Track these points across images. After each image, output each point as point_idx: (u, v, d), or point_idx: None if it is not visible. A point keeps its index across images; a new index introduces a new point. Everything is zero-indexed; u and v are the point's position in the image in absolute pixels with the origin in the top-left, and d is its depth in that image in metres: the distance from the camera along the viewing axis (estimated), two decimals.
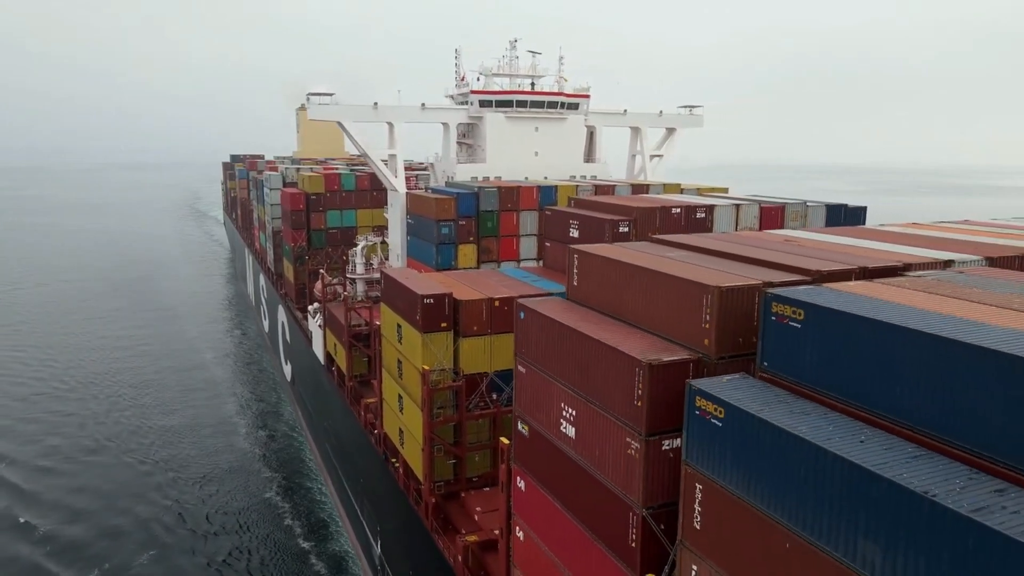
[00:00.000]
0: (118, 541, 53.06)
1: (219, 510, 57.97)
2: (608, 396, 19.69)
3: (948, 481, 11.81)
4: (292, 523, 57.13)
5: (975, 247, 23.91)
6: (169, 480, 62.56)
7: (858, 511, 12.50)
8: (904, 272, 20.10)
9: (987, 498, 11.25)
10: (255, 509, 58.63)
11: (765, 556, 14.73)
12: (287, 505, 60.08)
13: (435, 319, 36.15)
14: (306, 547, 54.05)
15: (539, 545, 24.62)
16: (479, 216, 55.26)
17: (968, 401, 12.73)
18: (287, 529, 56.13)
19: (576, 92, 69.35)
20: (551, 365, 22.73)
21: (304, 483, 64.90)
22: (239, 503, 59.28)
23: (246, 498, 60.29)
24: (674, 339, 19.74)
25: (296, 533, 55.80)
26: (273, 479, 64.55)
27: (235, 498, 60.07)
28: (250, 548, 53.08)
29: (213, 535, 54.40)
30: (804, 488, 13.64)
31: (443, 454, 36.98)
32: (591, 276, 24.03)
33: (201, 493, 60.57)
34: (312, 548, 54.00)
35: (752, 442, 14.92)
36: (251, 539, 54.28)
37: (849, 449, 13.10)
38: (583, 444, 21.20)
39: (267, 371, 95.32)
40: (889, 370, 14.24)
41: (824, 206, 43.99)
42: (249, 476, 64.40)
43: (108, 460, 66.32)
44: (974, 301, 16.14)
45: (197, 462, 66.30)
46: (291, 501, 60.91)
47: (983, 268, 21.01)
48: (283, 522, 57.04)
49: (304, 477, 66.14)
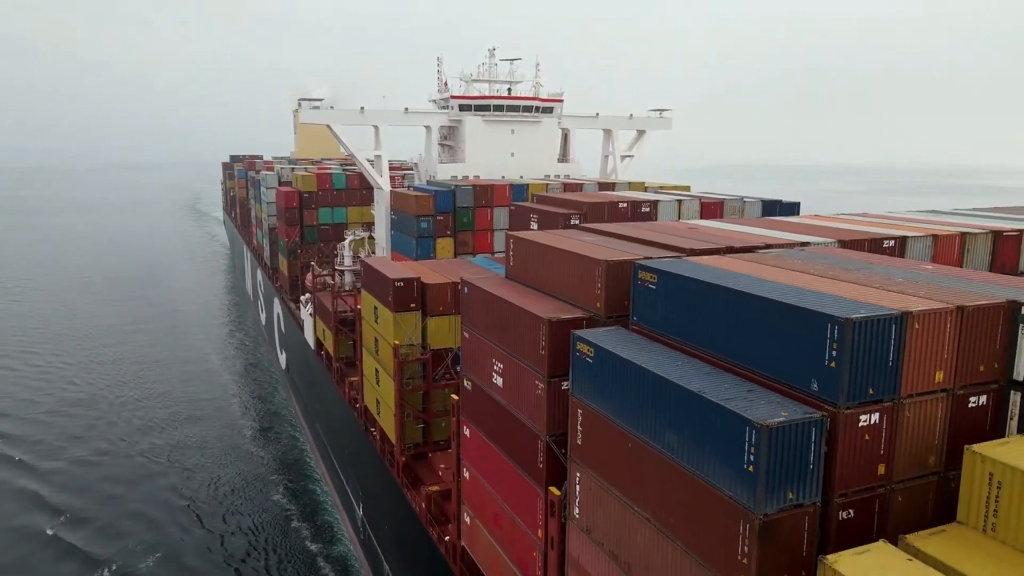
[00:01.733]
0: (121, 511, 58.11)
1: (215, 484, 62.99)
2: (522, 349, 24.64)
3: (719, 386, 16.75)
4: (283, 496, 62.12)
5: (836, 232, 28.86)
6: (169, 456, 67.61)
7: (665, 410, 17.46)
8: (759, 250, 25.02)
9: (739, 394, 16.21)
10: (249, 483, 63.66)
11: (618, 457, 19.65)
12: (279, 478, 65.18)
13: (405, 300, 41.17)
14: (293, 510, 59.25)
15: (481, 482, 29.55)
16: (456, 212, 60.30)
17: (749, 335, 17.68)
18: (277, 501, 61.08)
19: (550, 97, 74.30)
20: (484, 327, 27.69)
21: (296, 458, 69.98)
22: (233, 478, 64.28)
23: (240, 473, 65.37)
24: (576, 303, 24.67)
25: (285, 503, 60.85)
26: (267, 456, 69.62)
27: (229, 473, 65.10)
28: (241, 514, 58.13)
29: (208, 504, 59.44)
30: (637, 399, 18.58)
31: (412, 419, 42.01)
32: (522, 256, 28.96)
33: (200, 469, 65.60)
34: (298, 513, 59.17)
35: (609, 372, 19.84)
36: (243, 507, 59.34)
37: (664, 369, 18.05)
38: (507, 390, 26.14)
39: (264, 360, 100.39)
40: (708, 317, 19.16)
41: (760, 201, 48.96)
42: (244, 454, 69.50)
43: (113, 443, 71.32)
44: (791, 269, 21.05)
45: (194, 443, 71.38)
46: (283, 474, 66.02)
47: (828, 248, 25.94)
48: (273, 496, 61.97)
49: (296, 452, 71.21)
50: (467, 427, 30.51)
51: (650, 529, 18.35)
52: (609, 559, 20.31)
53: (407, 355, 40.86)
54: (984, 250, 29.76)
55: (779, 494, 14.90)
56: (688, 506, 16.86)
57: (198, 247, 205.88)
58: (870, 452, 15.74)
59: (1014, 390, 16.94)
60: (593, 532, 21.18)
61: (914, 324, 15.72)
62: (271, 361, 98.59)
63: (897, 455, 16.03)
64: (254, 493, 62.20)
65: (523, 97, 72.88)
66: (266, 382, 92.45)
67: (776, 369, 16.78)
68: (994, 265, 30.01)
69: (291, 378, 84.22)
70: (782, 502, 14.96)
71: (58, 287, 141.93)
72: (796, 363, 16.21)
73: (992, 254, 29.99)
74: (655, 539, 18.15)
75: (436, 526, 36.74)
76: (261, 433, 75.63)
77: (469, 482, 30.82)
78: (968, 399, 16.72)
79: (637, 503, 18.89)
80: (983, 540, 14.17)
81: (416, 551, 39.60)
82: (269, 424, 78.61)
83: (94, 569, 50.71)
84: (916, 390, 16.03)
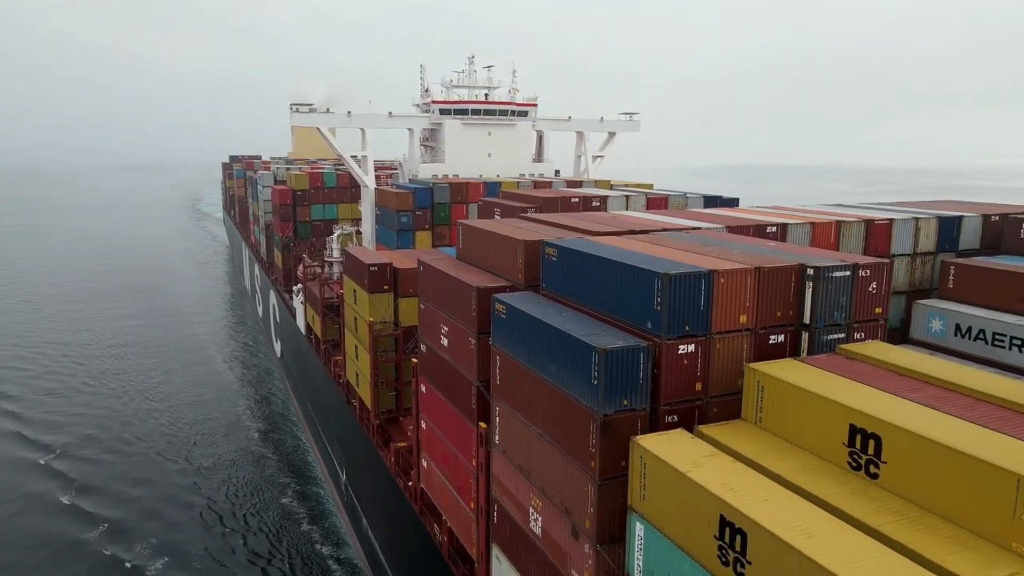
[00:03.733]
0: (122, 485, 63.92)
1: (214, 458, 68.76)
2: (460, 313, 30.36)
3: (584, 328, 22.43)
4: (276, 470, 67.87)
5: (730, 220, 34.54)
6: (170, 434, 73.40)
7: (549, 348, 23.15)
8: (653, 232, 30.71)
9: (595, 331, 21.90)
10: (245, 457, 69.44)
11: (522, 390, 25.31)
12: (270, 450, 71.01)
13: (379, 282, 46.94)
14: (286, 481, 65.01)
15: (434, 430, 35.27)
16: (433, 207, 66.03)
17: (611, 291, 23.37)
18: (270, 474, 66.79)
19: (525, 101, 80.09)
20: (435, 299, 33.41)
21: (288, 434, 75.75)
22: (231, 454, 70.03)
23: (238, 448, 71.13)
24: (503, 275, 30.37)
25: (278, 475, 66.58)
26: (260, 432, 75.42)
27: (228, 450, 70.85)
28: (238, 486, 63.79)
29: (206, 474, 65.22)
30: (534, 344, 24.26)
31: (386, 387, 47.77)
32: (468, 240, 34.67)
33: (202, 446, 71.39)
34: (290, 482, 64.97)
35: (517, 325, 25.51)
36: (239, 478, 65.06)
37: (551, 319, 23.73)
38: (451, 349, 31.86)
39: (261, 350, 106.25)
40: (589, 280, 24.84)
41: (701, 197, 54.68)
42: (241, 432, 75.29)
43: (121, 427, 77.16)
44: (659, 244, 26.74)
45: (194, 421, 77.15)
46: (274, 448, 71.81)
47: (713, 231, 31.62)
48: (267, 469, 67.69)
49: (288, 426, 76.97)
50: (423, 384, 36.23)
51: (541, 441, 24.06)
52: (516, 470, 26.05)
53: (380, 331, 46.62)
54: (858, 236, 35.40)
55: (616, 400, 20.62)
56: (562, 417, 22.58)
57: (200, 247, 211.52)
58: (688, 373, 21.44)
59: (804, 330, 22.66)
60: (507, 452, 26.90)
61: (720, 279, 21.42)
62: (267, 351, 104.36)
63: (711, 376, 21.73)
64: (247, 464, 67.94)
65: (499, 102, 78.64)
66: (262, 368, 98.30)
67: (626, 314, 22.51)
68: (867, 249, 35.66)
69: (285, 365, 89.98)
70: (618, 406, 20.67)
71: (66, 287, 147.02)
72: (637, 308, 21.94)
73: (865, 240, 35.65)
74: (544, 447, 23.87)
75: (403, 476, 42.49)
76: (256, 415, 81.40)
77: (426, 431, 36.56)
78: (768, 337, 22.43)
79: (534, 423, 24.60)
80: (753, 429, 19.89)
81: (387, 500, 45.33)
82: (263, 407, 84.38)
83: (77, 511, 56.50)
84: (723, 328, 21.73)
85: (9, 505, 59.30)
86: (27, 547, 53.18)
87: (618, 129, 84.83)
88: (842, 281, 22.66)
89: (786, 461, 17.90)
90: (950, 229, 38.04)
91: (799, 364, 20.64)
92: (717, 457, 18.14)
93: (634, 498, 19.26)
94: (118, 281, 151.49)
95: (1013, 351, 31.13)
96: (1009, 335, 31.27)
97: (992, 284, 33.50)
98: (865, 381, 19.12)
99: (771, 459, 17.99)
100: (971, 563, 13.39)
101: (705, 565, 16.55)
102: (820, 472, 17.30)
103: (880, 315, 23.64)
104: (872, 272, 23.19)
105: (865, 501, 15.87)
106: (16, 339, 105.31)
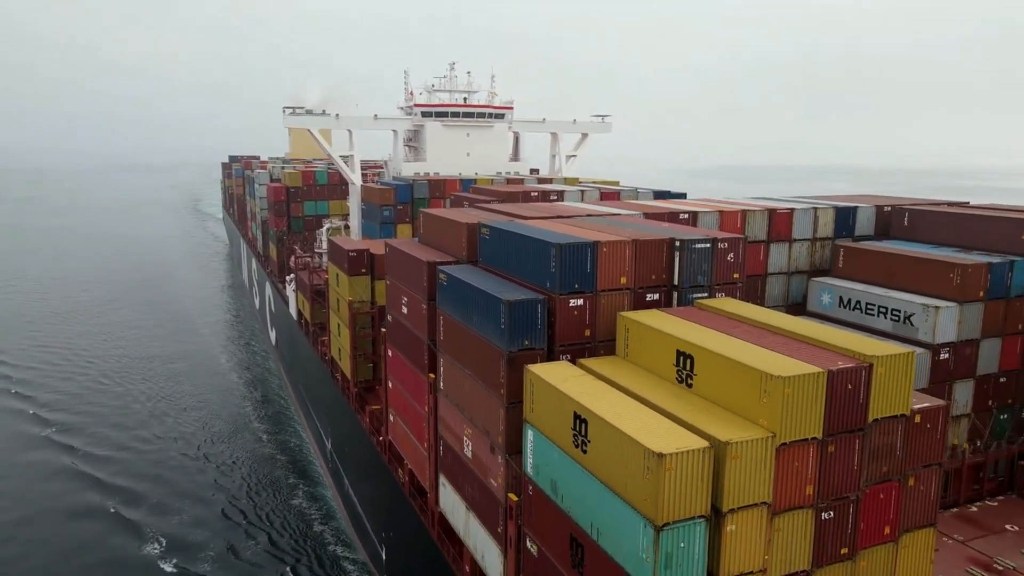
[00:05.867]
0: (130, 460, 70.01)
1: (214, 434, 74.88)
2: (415, 284, 36.37)
3: (501, 288, 28.43)
4: (269, 444, 73.99)
5: (649, 208, 40.54)
6: (171, 414, 79.54)
7: (474, 304, 29.17)
8: (577, 217, 36.70)
9: (507, 290, 27.91)
10: (241, 432, 75.59)
11: (459, 342, 31.30)
12: (263, 426, 77.16)
13: (357, 266, 53.01)
14: (272, 451, 71.23)
15: (399, 387, 41.27)
16: (413, 202, 72.17)
17: (524, 259, 29.39)
18: (267, 451, 72.88)
19: (502, 105, 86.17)
20: (398, 275, 39.43)
21: (280, 413, 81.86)
22: (230, 430, 76.19)
23: (235, 426, 77.29)
24: (451, 253, 36.38)
25: (272, 451, 72.69)
26: (257, 412, 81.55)
27: (227, 426, 77.02)
28: (235, 457, 69.92)
29: (208, 445, 71.33)
30: (466, 303, 30.27)
31: (364, 359, 53.83)
32: (427, 226, 40.64)
33: (203, 424, 77.54)
34: (279, 452, 71.13)
35: (454, 290, 31.53)
36: (235, 450, 71.17)
37: (477, 282, 29.72)
38: (409, 316, 37.86)
39: (258, 339, 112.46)
40: (510, 252, 30.83)
41: (651, 191, 60.71)
42: (238, 409, 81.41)
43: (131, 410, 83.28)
44: (573, 225, 32.74)
45: (196, 399, 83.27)
46: (267, 425, 77.92)
47: (630, 217, 37.60)
48: (262, 448, 73.78)
49: (281, 406, 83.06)
50: (390, 350, 42.26)
51: (471, 380, 30.09)
52: (455, 407, 32.09)
53: (359, 309, 52.71)
54: (762, 223, 41.41)
55: (519, 340, 26.66)
56: (482, 358, 28.61)
57: (202, 247, 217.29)
58: (578, 321, 27.43)
59: (674, 290, 28.68)
60: (449, 395, 32.94)
61: (603, 249, 27.42)
62: (264, 340, 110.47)
63: (597, 324, 27.70)
64: (244, 439, 74.02)
65: (477, 105, 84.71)
66: (258, 353, 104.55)
67: (532, 276, 28.58)
68: (770, 234, 41.69)
69: (279, 351, 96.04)
70: (520, 346, 26.70)
71: (74, 285, 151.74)
72: (539, 271, 27.99)
73: (768, 226, 41.63)
74: (472, 385, 29.90)
75: (376, 434, 48.53)
76: (252, 397, 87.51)
77: (392, 390, 42.60)
78: (645, 295, 28.44)
79: (466, 366, 30.61)
80: (620, 361, 25.93)
81: (363, 458, 51.36)
82: (260, 391, 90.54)
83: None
84: (607, 287, 27.73)
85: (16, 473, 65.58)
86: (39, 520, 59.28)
87: (590, 130, 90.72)
88: (704, 252, 28.68)
89: (634, 379, 23.94)
90: (846, 218, 44.04)
91: (660, 313, 26.67)
92: (584, 377, 24.20)
93: (527, 412, 25.28)
94: (123, 280, 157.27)
95: (880, 317, 37.38)
96: (877, 304, 37.58)
97: (871, 264, 39.78)
98: (700, 323, 25.14)
99: (624, 378, 24.03)
100: (725, 431, 19.42)
101: (566, 450, 22.57)
102: (655, 385, 23.34)
103: (738, 279, 29.62)
104: (729, 245, 29.20)
105: (678, 401, 21.90)
106: (29, 336, 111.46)
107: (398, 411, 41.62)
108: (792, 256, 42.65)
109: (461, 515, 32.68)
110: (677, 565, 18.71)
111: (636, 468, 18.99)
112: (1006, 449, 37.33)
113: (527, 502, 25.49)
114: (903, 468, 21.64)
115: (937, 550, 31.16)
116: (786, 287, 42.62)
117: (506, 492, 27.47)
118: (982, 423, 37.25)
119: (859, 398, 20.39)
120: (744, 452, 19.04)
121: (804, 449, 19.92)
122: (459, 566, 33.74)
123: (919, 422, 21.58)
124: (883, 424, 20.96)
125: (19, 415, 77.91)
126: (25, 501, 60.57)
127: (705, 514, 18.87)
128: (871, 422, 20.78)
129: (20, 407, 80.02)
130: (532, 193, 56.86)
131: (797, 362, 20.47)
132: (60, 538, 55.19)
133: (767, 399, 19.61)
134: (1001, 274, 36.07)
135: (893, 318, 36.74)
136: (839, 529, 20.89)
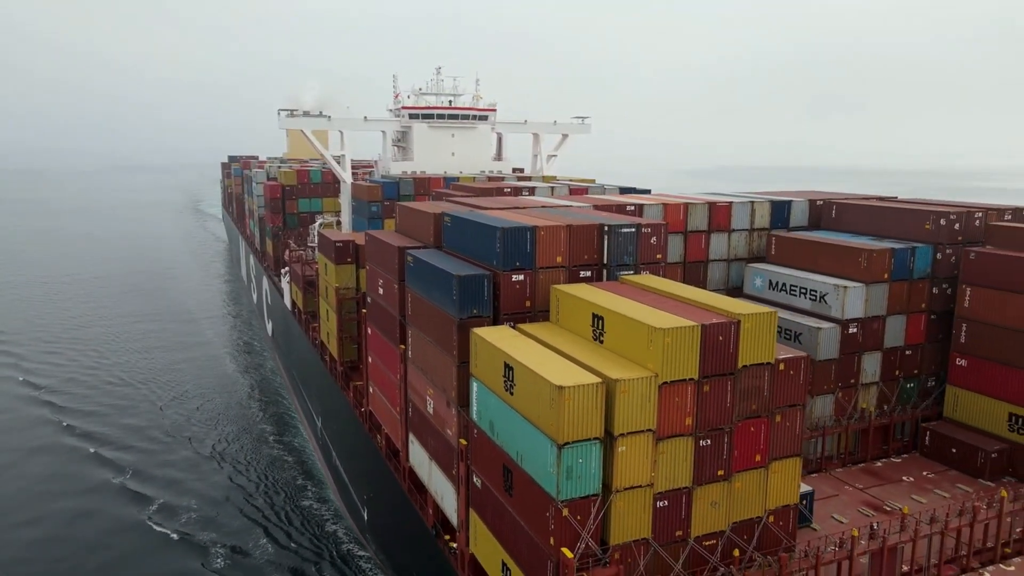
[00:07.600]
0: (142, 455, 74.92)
1: (213, 415, 79.80)
2: (388, 268, 41.26)
3: (457, 266, 33.31)
4: (264, 424, 78.89)
5: (599, 201, 45.43)
6: (172, 402, 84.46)
7: (433, 281, 34.02)
8: (533, 208, 41.54)
9: (461, 268, 32.80)
10: (238, 413, 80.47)
11: (423, 314, 36.14)
12: (258, 408, 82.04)
13: (343, 256, 57.90)
14: (269, 429, 76.16)
15: (377, 361, 46.16)
16: (399, 198, 76.86)
17: (478, 242, 34.22)
18: (261, 430, 77.78)
19: (486, 107, 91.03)
20: (376, 261, 44.32)
21: (275, 397, 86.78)
22: (228, 413, 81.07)
23: (233, 407, 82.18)
24: (421, 240, 41.26)
25: (268, 429, 77.62)
26: (253, 396, 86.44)
27: (225, 410, 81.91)
28: (232, 437, 74.76)
29: (206, 427, 76.27)
30: (428, 280, 35.10)
31: (349, 341, 58.72)
32: (403, 217, 45.57)
33: (204, 410, 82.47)
34: (273, 432, 76.07)
35: (420, 270, 36.37)
36: (232, 430, 76.05)
37: (437, 262, 34.58)
38: (384, 296, 42.75)
39: (256, 330, 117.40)
40: (468, 237, 35.66)
41: (618, 188, 65.62)
42: (235, 394, 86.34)
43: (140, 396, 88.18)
44: (525, 215, 37.60)
45: (196, 388, 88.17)
46: (264, 408, 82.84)
47: (580, 208, 42.45)
48: (258, 426, 78.69)
49: (277, 389, 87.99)
50: (369, 328, 47.17)
51: (431, 345, 34.97)
52: (420, 372, 36.98)
53: (344, 295, 57.60)
54: (703, 215, 46.27)
55: (468, 310, 31.55)
56: (439, 326, 33.50)
57: (203, 247, 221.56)
58: (520, 294, 32.30)
59: (604, 268, 33.55)
60: (415, 361, 37.82)
61: (540, 232, 32.28)
62: (261, 328, 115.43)
63: (536, 297, 32.56)
64: (242, 420, 78.95)
65: (462, 107, 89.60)
66: (255, 343, 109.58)
67: (482, 256, 33.50)
68: (711, 225, 46.56)
69: (275, 340, 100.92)
70: (469, 314, 31.58)
71: (83, 284, 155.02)
72: (487, 252, 32.88)
73: (709, 218, 46.48)
74: (432, 348, 34.78)
75: (358, 407, 53.41)
76: (249, 383, 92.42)
77: (371, 364, 47.49)
78: (579, 272, 33.29)
79: (428, 335, 35.49)
80: (552, 325, 30.82)
81: (347, 430, 56.23)
82: (256, 378, 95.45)
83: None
84: (545, 265, 32.58)
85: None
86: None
87: (570, 131, 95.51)
88: (629, 235, 33.55)
89: (560, 338, 28.84)
90: (782, 211, 48.93)
91: (586, 286, 31.55)
92: (518, 338, 29.10)
93: (473, 367, 30.15)
94: (124, 280, 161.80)
95: (801, 297, 42.28)
96: (799, 286, 42.46)
97: (799, 251, 44.70)
98: (617, 293, 30.00)
99: (552, 338, 28.92)
100: (618, 372, 24.30)
101: (499, 394, 27.45)
102: (574, 342, 28.24)
103: (660, 259, 34.45)
104: (652, 230, 34.07)
105: (592, 353, 26.79)
106: (40, 333, 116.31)
107: (376, 383, 46.49)
108: (731, 245, 47.55)
109: (425, 466, 37.58)
110: (576, 477, 23.60)
111: (545, 401, 23.87)
112: (911, 413, 42.21)
113: (473, 444, 30.39)
114: (770, 407, 26.52)
115: (837, 495, 36.31)
116: (726, 272, 47.51)
117: (458, 438, 32.34)
118: (890, 391, 42.12)
119: (729, 347, 25.27)
120: (632, 388, 23.93)
121: (683, 388, 24.80)
122: (424, 512, 38.64)
123: (783, 369, 26.47)
124: (751, 370, 25.85)
125: (26, 410, 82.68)
126: (34, 499, 63.87)
127: (599, 436, 23.76)
128: (740, 368, 25.66)
129: (27, 400, 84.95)
130: (506, 189, 61.71)
131: (679, 319, 25.37)
132: (67, 537, 56.60)
133: (652, 347, 24.49)
134: (904, 259, 40.95)
135: (811, 298, 41.64)
136: (715, 455, 25.77)
